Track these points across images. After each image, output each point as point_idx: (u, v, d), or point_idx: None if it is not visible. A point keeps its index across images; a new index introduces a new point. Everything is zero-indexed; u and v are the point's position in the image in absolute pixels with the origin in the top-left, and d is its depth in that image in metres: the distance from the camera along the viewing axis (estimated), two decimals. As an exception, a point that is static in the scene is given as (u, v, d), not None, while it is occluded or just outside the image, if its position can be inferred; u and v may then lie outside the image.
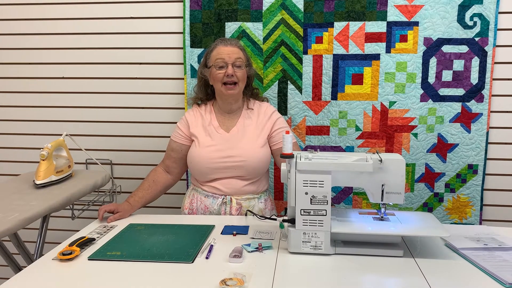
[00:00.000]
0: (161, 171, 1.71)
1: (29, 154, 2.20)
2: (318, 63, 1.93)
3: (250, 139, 1.62)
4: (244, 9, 1.92)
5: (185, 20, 1.96)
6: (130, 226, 1.43)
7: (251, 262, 1.15)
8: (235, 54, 1.60)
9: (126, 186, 2.10)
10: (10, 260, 1.57)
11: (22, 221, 1.31)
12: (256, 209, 1.61)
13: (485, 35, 1.85)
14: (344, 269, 1.11)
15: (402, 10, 1.86)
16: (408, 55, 1.88)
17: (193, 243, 1.27)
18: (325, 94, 1.95)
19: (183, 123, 1.69)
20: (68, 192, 1.59)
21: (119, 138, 2.14)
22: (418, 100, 1.91)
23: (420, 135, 1.94)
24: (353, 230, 1.19)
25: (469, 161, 1.94)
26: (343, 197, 2.03)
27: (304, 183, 1.18)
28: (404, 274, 1.08)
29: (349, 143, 1.98)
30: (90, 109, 2.13)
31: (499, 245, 1.23)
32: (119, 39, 2.05)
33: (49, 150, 1.64)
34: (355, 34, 1.89)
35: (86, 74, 2.10)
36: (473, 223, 1.98)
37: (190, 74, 1.99)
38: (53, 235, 2.13)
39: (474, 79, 1.89)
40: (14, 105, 2.18)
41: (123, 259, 1.17)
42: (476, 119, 1.91)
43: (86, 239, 1.27)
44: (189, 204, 1.67)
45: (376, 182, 1.22)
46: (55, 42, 2.09)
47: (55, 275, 1.10)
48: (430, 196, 1.99)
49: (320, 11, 1.89)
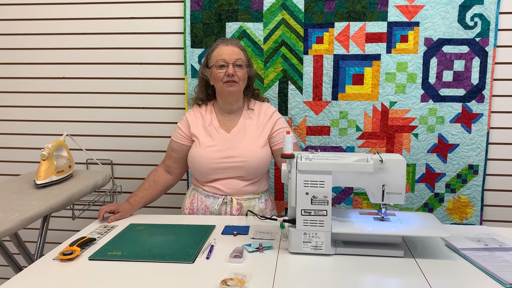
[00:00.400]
0: (161, 171, 1.71)
1: (30, 154, 2.20)
2: (319, 63, 1.93)
3: (250, 139, 1.62)
4: (244, 9, 1.92)
5: (186, 20, 1.96)
6: (131, 226, 1.43)
7: (251, 262, 1.15)
8: (235, 54, 1.60)
9: (126, 186, 2.10)
10: (10, 260, 1.57)
11: (22, 221, 1.31)
12: (257, 209, 1.61)
13: (485, 35, 1.85)
14: (344, 269, 1.11)
15: (402, 11, 1.86)
16: (409, 55, 1.88)
17: (194, 243, 1.27)
18: (326, 94, 1.95)
19: (184, 123, 1.69)
20: (68, 192, 1.59)
21: (119, 138, 2.14)
22: (419, 101, 1.91)
23: (420, 135, 1.94)
24: (354, 231, 1.20)
25: (469, 161, 1.94)
26: (343, 197, 2.03)
27: (305, 183, 1.18)
28: (405, 274, 1.08)
29: (349, 144, 1.98)
30: (90, 109, 2.13)
31: (499, 246, 1.23)
32: (120, 39, 2.05)
33: (50, 150, 1.64)
34: (355, 34, 1.89)
35: (86, 74, 2.11)
36: (474, 224, 1.98)
37: (191, 74, 1.99)
38: (53, 235, 2.13)
39: (474, 80, 1.88)
40: (14, 105, 2.18)
41: (123, 259, 1.17)
42: (477, 119, 1.91)
43: (87, 239, 1.27)
44: (190, 204, 1.67)
45: (376, 183, 1.22)
46: (56, 42, 2.10)
47: (56, 275, 1.10)
48: (430, 197, 1.99)
49: (321, 11, 1.89)
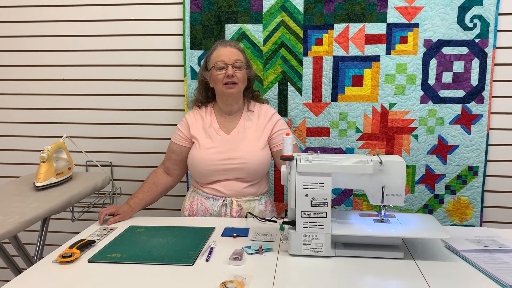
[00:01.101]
0: (161, 173, 1.71)
1: (29, 156, 2.20)
2: (318, 64, 1.93)
3: (250, 141, 1.62)
4: (244, 11, 1.92)
5: (185, 22, 1.96)
6: (130, 228, 1.43)
7: (251, 264, 1.15)
8: (234, 55, 1.60)
9: (126, 188, 2.10)
10: (10, 263, 1.57)
11: (22, 224, 1.31)
12: (257, 211, 1.61)
13: (485, 36, 1.85)
14: (344, 271, 1.11)
15: (402, 12, 1.86)
16: (408, 56, 1.88)
17: (193, 245, 1.27)
18: (325, 95, 1.95)
19: (184, 125, 1.69)
20: (68, 194, 1.59)
21: (119, 140, 2.14)
22: (418, 102, 1.91)
23: (420, 136, 1.94)
24: (354, 232, 1.19)
25: (469, 162, 1.94)
26: (343, 199, 2.03)
27: (304, 185, 1.18)
28: (405, 276, 1.08)
29: (349, 145, 1.98)
30: (90, 111, 2.13)
31: (499, 247, 1.22)
32: (119, 41, 2.05)
33: (49, 152, 1.64)
34: (355, 35, 1.89)
35: (86, 76, 2.10)
36: (474, 225, 1.97)
37: (190, 76, 1.99)
38: (53, 237, 2.13)
39: (474, 81, 1.88)
40: (14, 107, 2.18)
41: (123, 262, 1.17)
42: (476, 120, 1.91)
43: (86, 241, 1.27)
44: (189, 206, 1.67)
45: (376, 184, 1.22)
46: (55, 44, 2.10)
47: (55, 278, 1.10)
48: (430, 198, 1.99)
49: (320, 13, 1.90)
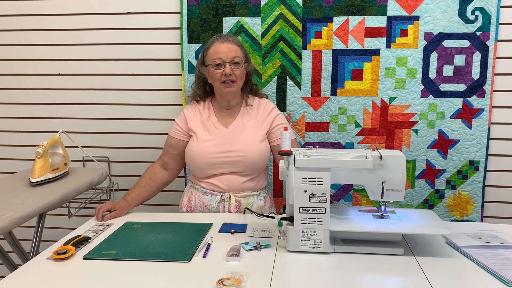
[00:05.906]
0: (158, 168, 1.69)
1: (25, 151, 2.18)
2: (317, 58, 1.90)
3: (249, 134, 1.60)
4: (242, 3, 1.90)
5: (182, 15, 1.93)
6: (127, 224, 1.41)
7: (249, 261, 1.13)
8: (232, 52, 1.57)
9: (123, 183, 2.08)
10: (5, 259, 1.56)
11: (16, 220, 1.30)
12: (255, 207, 1.59)
13: (486, 29, 1.82)
14: (343, 267, 1.10)
15: (402, 4, 1.83)
16: (409, 50, 1.86)
17: (190, 241, 1.25)
18: (325, 90, 1.92)
19: (181, 119, 1.67)
20: (64, 190, 1.57)
21: (116, 135, 2.12)
22: (419, 96, 1.89)
23: (420, 131, 1.92)
24: (353, 228, 1.18)
25: (470, 157, 1.92)
26: (342, 194, 2.02)
27: (303, 180, 1.16)
28: (405, 273, 1.07)
29: (348, 140, 1.96)
30: (86, 106, 2.11)
31: (501, 243, 1.21)
32: (116, 34, 2.03)
33: (45, 148, 1.62)
34: (354, 29, 1.86)
35: (82, 71, 2.08)
36: (474, 220, 1.96)
37: (188, 70, 1.97)
38: (50, 233, 2.11)
39: (475, 74, 1.86)
40: (9, 102, 2.15)
41: (119, 258, 1.15)
42: (478, 114, 1.89)
43: (81, 238, 1.26)
44: (187, 201, 1.65)
45: (376, 179, 1.21)
46: (51, 38, 2.07)
47: (50, 275, 1.08)
48: (431, 193, 1.97)
49: (319, 5, 1.87)
